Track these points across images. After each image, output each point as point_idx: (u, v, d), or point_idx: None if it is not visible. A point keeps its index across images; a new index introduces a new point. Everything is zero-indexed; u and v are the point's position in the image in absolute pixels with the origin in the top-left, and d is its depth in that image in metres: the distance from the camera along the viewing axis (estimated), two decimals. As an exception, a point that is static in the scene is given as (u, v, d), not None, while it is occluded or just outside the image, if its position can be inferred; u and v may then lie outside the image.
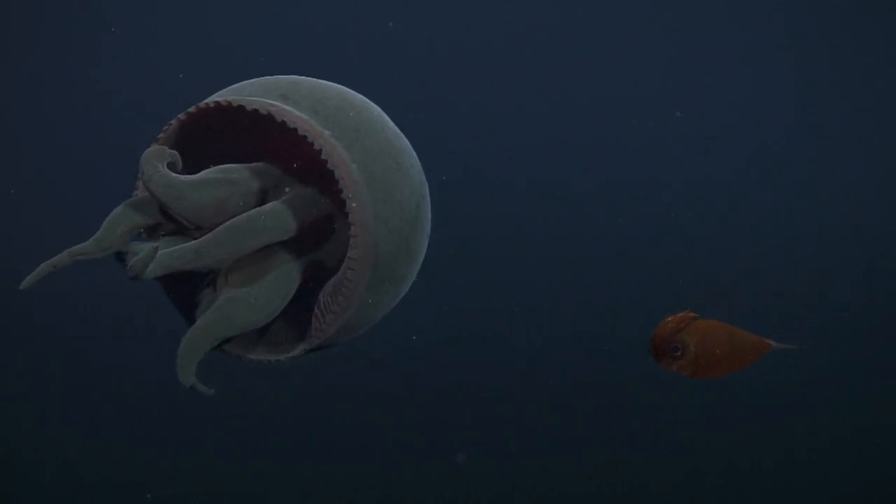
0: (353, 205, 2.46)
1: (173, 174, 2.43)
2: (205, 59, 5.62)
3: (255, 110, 2.47)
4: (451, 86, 5.89)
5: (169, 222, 2.51)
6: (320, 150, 2.45)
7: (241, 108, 2.49)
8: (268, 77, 2.67)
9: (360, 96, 2.68)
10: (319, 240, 2.65)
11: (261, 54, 5.68)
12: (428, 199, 2.71)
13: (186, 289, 2.62)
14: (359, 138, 2.52)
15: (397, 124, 2.70)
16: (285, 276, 2.56)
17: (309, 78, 2.68)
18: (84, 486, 5.57)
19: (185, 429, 5.48)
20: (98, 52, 5.71)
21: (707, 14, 6.04)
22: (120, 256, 2.49)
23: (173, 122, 2.58)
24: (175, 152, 2.50)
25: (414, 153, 2.69)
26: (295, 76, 2.68)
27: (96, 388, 5.56)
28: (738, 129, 6.13)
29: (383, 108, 2.70)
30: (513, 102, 6.00)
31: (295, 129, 2.46)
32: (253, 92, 2.57)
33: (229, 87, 2.66)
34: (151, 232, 2.57)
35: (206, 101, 2.55)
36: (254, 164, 2.60)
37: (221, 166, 2.55)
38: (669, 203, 6.06)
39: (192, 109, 2.54)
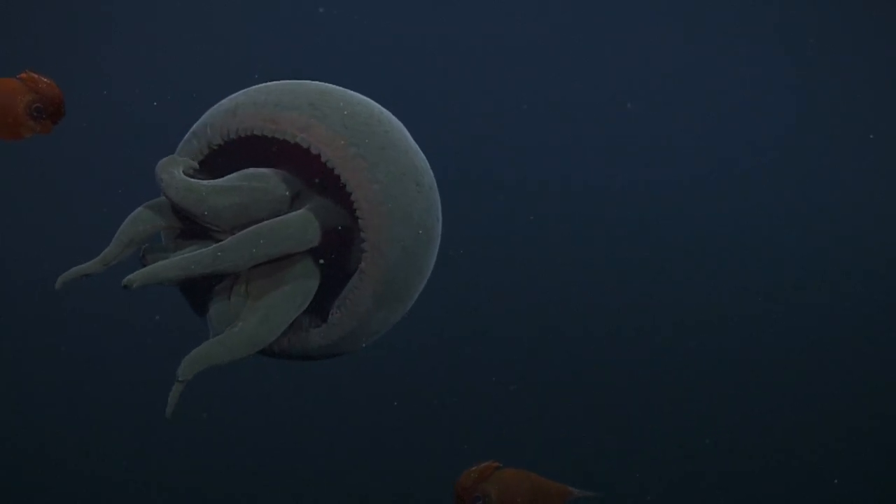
0: (369, 226, 2.44)
1: (192, 179, 2.42)
2: (203, 57, 5.62)
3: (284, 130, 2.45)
4: (445, 84, 5.88)
5: (189, 225, 2.50)
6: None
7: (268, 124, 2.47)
8: (294, 82, 2.61)
9: (385, 110, 2.64)
10: (342, 246, 2.63)
11: (261, 53, 5.68)
12: (441, 217, 2.69)
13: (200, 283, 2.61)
14: (384, 157, 2.48)
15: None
16: (303, 287, 2.53)
17: (336, 87, 2.63)
18: (79, 483, 5.57)
19: (182, 428, 5.48)
20: (100, 54, 5.71)
21: (706, 11, 6.03)
22: (142, 259, 2.48)
23: (205, 150, 2.56)
24: (189, 160, 2.49)
25: (431, 171, 2.67)
26: (322, 84, 2.62)
27: (93, 387, 5.55)
28: (737, 129, 6.12)
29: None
30: (512, 100, 5.99)
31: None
32: (279, 98, 2.52)
33: (255, 88, 2.62)
34: (175, 235, 2.55)
35: (237, 127, 2.51)
36: (278, 170, 2.57)
37: (245, 171, 2.51)
38: (668, 203, 6.06)
39: (231, 137, 2.52)
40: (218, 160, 2.62)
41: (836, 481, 5.84)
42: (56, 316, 5.45)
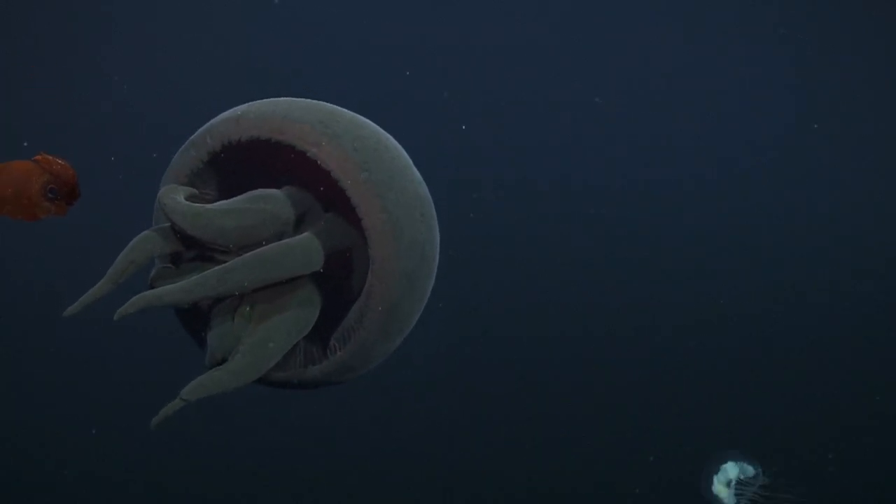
0: (378, 257, 2.42)
1: (197, 204, 2.41)
2: (203, 57, 5.62)
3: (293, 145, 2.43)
4: (445, 84, 5.88)
5: (192, 249, 2.49)
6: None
7: (279, 140, 2.44)
8: (301, 100, 2.59)
9: (390, 136, 2.62)
10: (343, 267, 2.61)
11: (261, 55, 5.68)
12: (438, 247, 2.67)
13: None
14: (392, 185, 2.45)
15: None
16: (305, 314, 2.52)
17: (342, 109, 2.60)
18: (79, 483, 5.57)
19: (182, 429, 5.47)
20: (100, 54, 5.71)
21: (706, 11, 6.03)
22: (151, 285, 2.49)
23: (204, 158, 2.53)
24: (190, 189, 2.48)
25: (432, 201, 2.64)
26: (331, 105, 2.60)
27: (93, 387, 5.55)
28: (737, 129, 6.13)
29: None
30: (512, 100, 6.00)
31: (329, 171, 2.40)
32: (288, 111, 2.49)
33: (259, 101, 2.59)
34: (177, 260, 2.54)
35: (240, 136, 2.48)
36: (284, 190, 2.55)
37: (251, 193, 2.49)
38: (668, 203, 6.06)
39: (232, 144, 2.49)
40: (219, 180, 2.61)
41: (836, 480, 5.84)
42: (56, 316, 5.45)
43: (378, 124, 2.65)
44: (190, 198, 2.48)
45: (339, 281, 2.62)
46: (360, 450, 5.77)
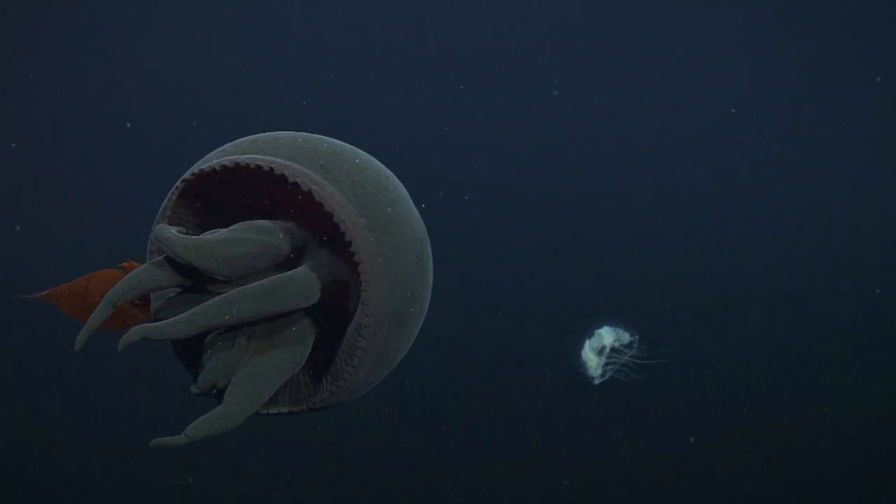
0: (372, 300, 2.43)
1: (197, 236, 2.42)
2: (203, 57, 5.63)
3: (296, 183, 2.42)
4: (445, 84, 5.89)
5: (190, 281, 2.49)
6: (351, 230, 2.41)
7: (282, 174, 2.42)
8: (307, 138, 2.58)
9: (391, 173, 2.63)
10: (335, 300, 2.63)
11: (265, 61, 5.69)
12: (431, 285, 2.69)
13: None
14: (390, 230, 2.47)
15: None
16: (300, 346, 2.54)
17: (346, 145, 2.60)
18: (79, 483, 5.58)
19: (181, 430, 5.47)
20: (100, 54, 5.72)
21: (705, 11, 6.04)
22: (155, 317, 2.49)
23: (215, 166, 2.50)
24: (180, 228, 2.48)
25: (428, 238, 2.65)
26: (333, 142, 2.59)
27: (93, 387, 5.56)
28: (736, 129, 6.13)
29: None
30: (513, 101, 6.00)
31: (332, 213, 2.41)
32: (291, 153, 2.49)
33: (264, 137, 2.58)
34: (173, 292, 2.54)
35: (251, 159, 2.46)
36: (279, 223, 2.55)
37: (246, 223, 2.50)
38: (667, 204, 6.06)
39: (228, 164, 2.46)
40: (201, 218, 2.61)
41: (836, 480, 5.85)
42: (56, 316, 5.45)
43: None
44: (180, 234, 2.48)
45: (330, 313, 2.63)
46: (360, 450, 5.77)
